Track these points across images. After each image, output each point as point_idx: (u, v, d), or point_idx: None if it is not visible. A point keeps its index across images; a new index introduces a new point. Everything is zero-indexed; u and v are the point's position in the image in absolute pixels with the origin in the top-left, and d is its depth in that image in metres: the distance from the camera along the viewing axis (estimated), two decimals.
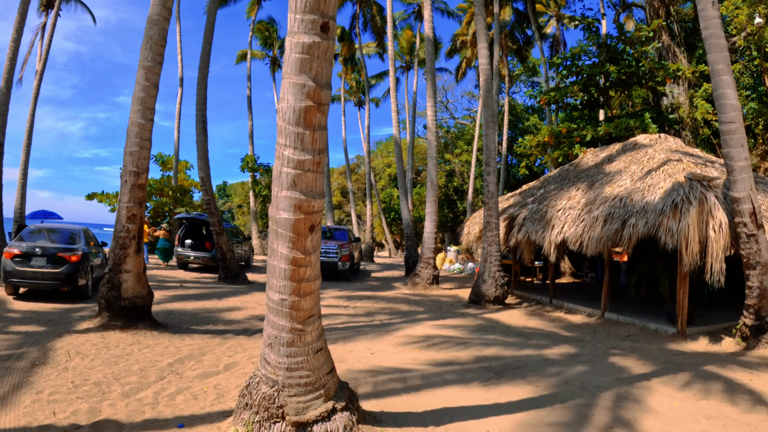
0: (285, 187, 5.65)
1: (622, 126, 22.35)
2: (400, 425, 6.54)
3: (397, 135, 30.27)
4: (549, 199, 17.23)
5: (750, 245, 10.95)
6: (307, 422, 5.75)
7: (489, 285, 17.02)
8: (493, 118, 18.01)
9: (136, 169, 11.40)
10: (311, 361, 5.96)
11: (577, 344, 11.83)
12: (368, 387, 8.20)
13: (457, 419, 6.83)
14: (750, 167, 11.13)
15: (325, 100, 5.66)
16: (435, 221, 21.86)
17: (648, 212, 12.67)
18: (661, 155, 15.70)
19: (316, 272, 6.02)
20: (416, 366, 9.56)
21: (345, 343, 11.29)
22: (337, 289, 20.55)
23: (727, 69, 11.18)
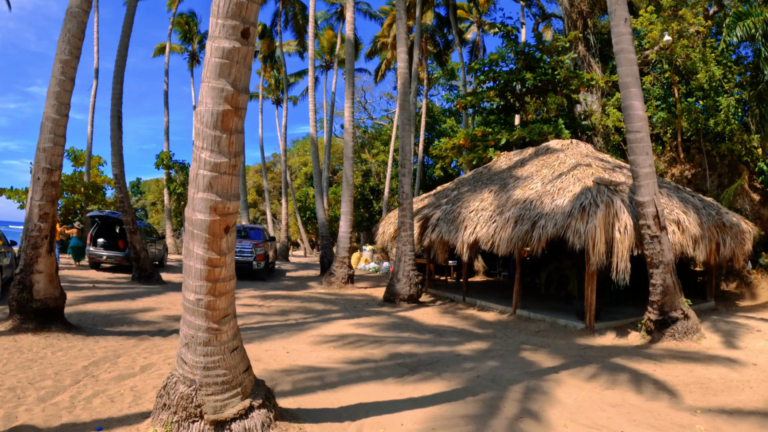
0: (201, 189, 5.68)
1: (536, 131, 23.00)
2: (317, 421, 6.66)
3: (313, 134, 30.27)
4: (462, 200, 17.60)
5: (653, 246, 11.61)
6: (226, 420, 5.81)
7: (403, 284, 17.30)
8: (409, 120, 18.29)
9: (49, 166, 11.02)
10: (228, 360, 6.01)
11: (489, 340, 12.19)
12: (286, 385, 8.27)
13: (373, 414, 6.98)
14: (654, 173, 11.75)
15: (243, 105, 5.74)
16: (350, 221, 22.01)
17: (557, 214, 13.18)
18: (571, 160, 16.32)
19: (231, 272, 6.07)
20: (332, 364, 9.67)
21: (261, 343, 11.32)
22: (252, 289, 20.45)
23: (635, 82, 11.80)
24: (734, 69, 22.91)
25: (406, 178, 17.91)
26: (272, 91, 53.33)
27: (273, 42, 44.87)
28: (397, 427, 6.53)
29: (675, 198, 14.88)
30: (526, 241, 13.77)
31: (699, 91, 22.52)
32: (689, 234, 13.86)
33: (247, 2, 5.50)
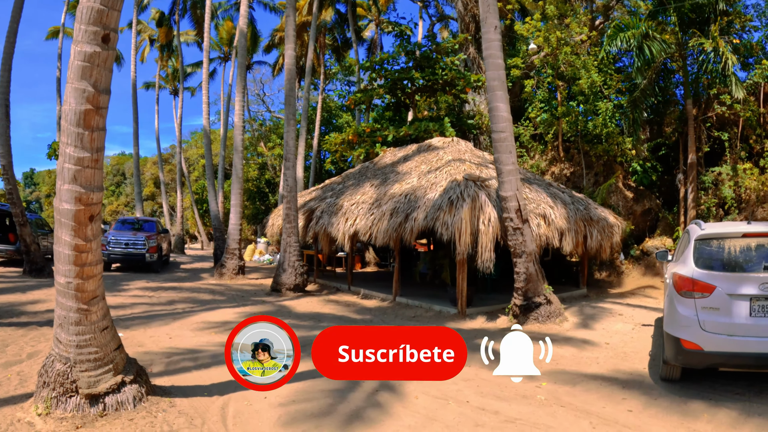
0: (67, 181, 6.18)
1: (422, 128, 23.81)
2: (188, 396, 7.29)
3: (206, 126, 30.32)
4: (345, 193, 18.30)
5: (516, 237, 12.45)
6: (99, 394, 6.37)
7: (289, 274, 17.86)
8: (293, 115, 18.76)
9: None
10: (98, 339, 6.55)
11: (363, 325, 12.82)
12: (162, 366, 8.85)
13: (241, 389, 7.50)
14: (517, 171, 12.65)
15: (104, 105, 6.23)
16: (240, 213, 22.37)
17: (428, 207, 14.01)
18: (448, 156, 17.17)
19: (98, 258, 6.60)
20: (209, 347, 10.26)
21: (145, 329, 11.75)
22: (144, 281, 20.50)
23: (501, 85, 12.58)
24: (615, 77, 24.44)
25: (290, 172, 18.43)
26: (170, 81, 52.53)
27: (171, 31, 44.18)
28: (260, 400, 7.19)
29: (544, 193, 15.84)
30: (400, 232, 14.54)
31: (581, 96, 23.90)
32: (555, 226, 14.77)
33: (108, 10, 5.98)
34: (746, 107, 21.29)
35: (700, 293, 7.44)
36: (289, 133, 18.75)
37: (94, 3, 5.93)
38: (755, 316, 7.13)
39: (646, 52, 20.32)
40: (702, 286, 7.46)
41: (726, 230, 8.19)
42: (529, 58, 25.74)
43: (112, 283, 19.12)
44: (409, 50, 26.92)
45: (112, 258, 23.36)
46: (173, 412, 6.71)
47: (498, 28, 12.89)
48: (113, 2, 6.04)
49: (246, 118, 47.75)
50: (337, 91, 34.72)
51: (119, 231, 24.78)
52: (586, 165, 24.69)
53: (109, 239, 23.49)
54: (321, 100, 40.52)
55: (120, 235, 23.78)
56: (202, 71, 48.35)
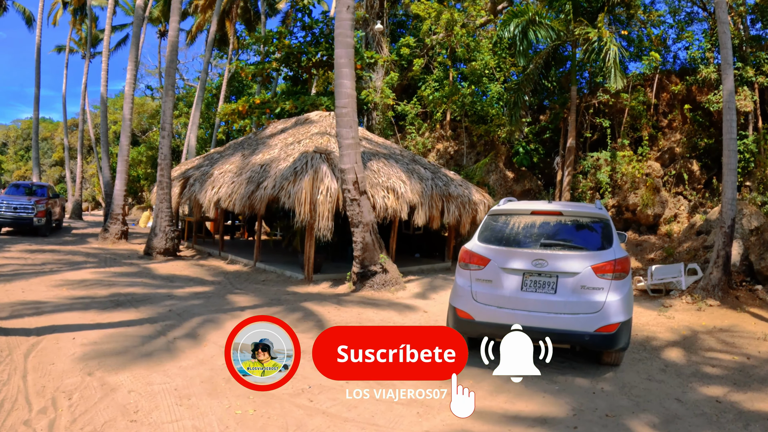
0: None
1: (308, 102, 24.81)
2: (9, 335, 8.52)
3: (103, 93, 30.71)
4: (218, 162, 19.32)
5: (353, 208, 13.40)
6: None
7: (160, 238, 18.84)
8: (172, 87, 19.52)
9: None
10: None
11: (211, 286, 13.93)
12: (4, 313, 9.95)
13: (58, 332, 8.85)
14: (357, 145, 13.55)
15: None
16: (125, 179, 23.04)
17: (277, 177, 15.14)
18: (315, 130, 18.26)
19: None
20: (54, 299, 11.37)
21: (3, 285, 12.67)
22: (27, 243, 21.18)
23: (348, 63, 13.44)
24: (509, 60, 25.94)
25: (165, 141, 19.31)
26: (82, 45, 51.99)
27: None
28: (69, 341, 8.40)
29: (398, 168, 16.81)
30: (253, 200, 15.58)
31: (474, 77, 25.27)
32: (405, 200, 15.78)
33: None
34: (633, 96, 22.93)
35: (476, 266, 7.79)
36: (166, 103, 19.64)
37: None
38: (526, 290, 7.43)
39: (530, 36, 21.61)
40: (478, 258, 7.82)
41: (516, 207, 8.53)
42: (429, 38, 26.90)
43: None
44: (305, 25, 27.83)
45: (0, 222, 23.83)
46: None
47: (351, 8, 13.73)
48: None
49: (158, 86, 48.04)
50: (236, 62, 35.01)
51: (10, 195, 25.20)
52: (469, 144, 26.15)
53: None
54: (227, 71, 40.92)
55: (10, 200, 24.20)
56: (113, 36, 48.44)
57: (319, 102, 24.77)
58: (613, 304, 7.24)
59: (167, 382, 6.85)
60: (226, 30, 39.63)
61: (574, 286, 7.35)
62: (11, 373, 6.96)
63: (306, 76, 29.25)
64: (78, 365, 7.32)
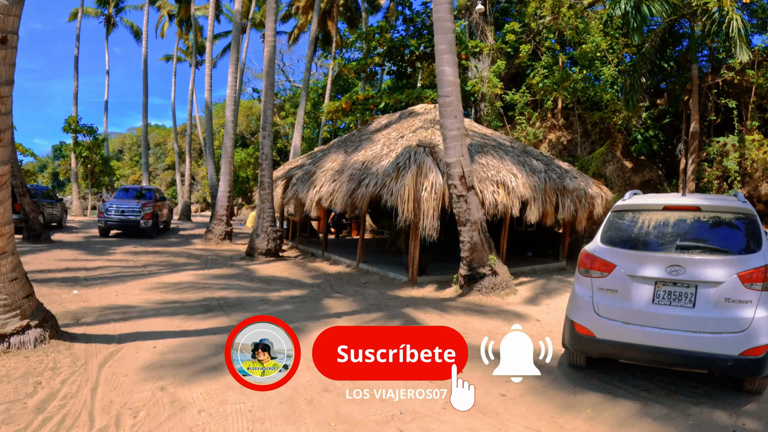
0: None
1: (414, 95, 23.93)
2: (90, 342, 8.16)
3: (207, 99, 30.96)
4: (321, 161, 18.74)
5: (460, 205, 12.26)
6: (5, 334, 7.42)
7: (262, 239, 18.51)
8: (272, 87, 19.24)
9: None
10: (8, 288, 7.51)
11: (309, 289, 13.23)
12: (91, 318, 9.71)
13: (139, 339, 8.40)
14: (462, 136, 12.26)
15: (6, 94, 7.15)
16: (229, 180, 23.01)
17: (379, 174, 14.30)
18: (419, 123, 17.34)
19: (6, 219, 7.54)
20: (143, 304, 11.03)
21: (100, 288, 12.57)
22: (133, 245, 21.40)
23: (449, 49, 12.35)
24: (621, 40, 23.89)
25: (266, 140, 18.99)
26: (189, 54, 53.41)
27: (189, 6, 44.94)
28: (149, 349, 7.91)
29: (509, 160, 15.61)
30: (354, 199, 14.81)
31: (585, 61, 23.72)
32: (516, 195, 14.50)
33: (4, 17, 6.87)
34: (760, 73, 20.70)
35: (599, 272, 6.71)
36: (266, 103, 19.32)
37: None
38: (658, 303, 6.30)
39: (644, 11, 19.66)
40: (601, 263, 6.72)
41: (645, 201, 7.30)
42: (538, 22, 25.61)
43: (101, 248, 20.14)
44: (405, 18, 27.08)
45: (109, 225, 24.41)
46: (66, 353, 7.57)
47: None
48: (9, 9, 6.91)
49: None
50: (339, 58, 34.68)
51: (118, 199, 25.88)
52: (582, 133, 24.60)
53: (107, 207, 24.51)
54: (331, 70, 40.73)
55: (118, 203, 24.73)
56: (218, 43, 49.67)
57: (424, 95, 23.86)
58: (763, 321, 5.94)
59: (242, 401, 6.11)
60: (328, 29, 39.52)
61: (717, 298, 6.09)
62: (81, 384, 6.52)
63: (410, 70, 28.45)
64: (152, 378, 6.79)
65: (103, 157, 43.75)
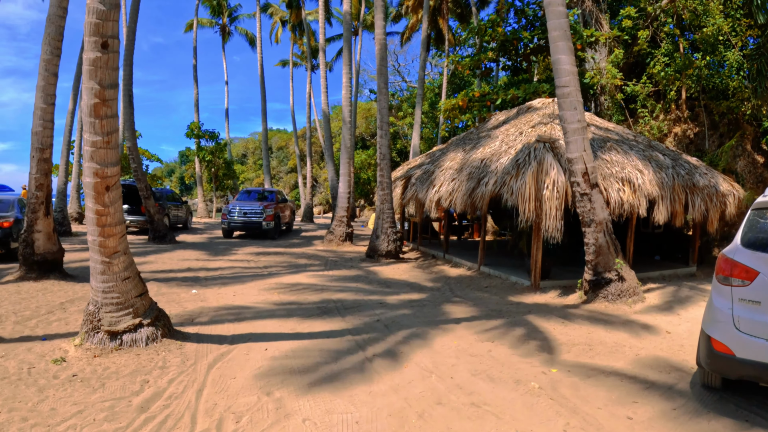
0: (86, 160, 7.48)
1: (530, 90, 23.09)
2: (201, 342, 8.25)
3: (323, 101, 31.29)
4: (440, 160, 18.35)
5: (584, 203, 11.44)
6: (118, 332, 7.68)
7: (382, 240, 18.39)
8: (385, 85, 19.07)
9: (41, 146, 13.14)
10: (120, 286, 7.74)
11: (428, 293, 12.82)
12: (206, 318, 9.89)
13: (252, 341, 8.35)
14: (584, 129, 11.45)
15: (110, 97, 7.43)
16: (349, 182, 23.07)
17: (498, 172, 13.65)
18: (537, 119, 16.64)
19: (117, 220, 7.72)
20: (259, 305, 11.09)
21: (219, 288, 12.83)
22: (255, 246, 21.88)
23: (563, 35, 11.55)
24: (743, 21, 21.92)
25: (384, 140, 18.87)
26: (304, 58, 54.46)
27: (300, 11, 45.98)
28: (260, 352, 7.82)
29: (634, 156, 14.64)
30: (474, 198, 14.26)
31: (707, 46, 22.02)
32: (643, 193, 13.53)
33: (103, 22, 7.21)
34: None
35: (739, 280, 5.72)
36: (381, 102, 19.21)
37: (92, 18, 7.16)
38: None
39: None
40: (741, 270, 5.73)
41: None
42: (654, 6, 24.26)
43: (224, 249, 20.69)
44: (517, 10, 26.37)
45: (232, 226, 25.12)
46: (176, 352, 7.67)
47: None
48: (107, 14, 7.24)
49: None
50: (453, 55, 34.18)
51: (241, 201, 26.55)
52: (710, 125, 23.05)
53: (229, 209, 25.20)
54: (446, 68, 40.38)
55: (241, 205, 25.37)
56: (330, 46, 50.56)
57: (541, 89, 22.98)
58: None
59: (350, 412, 5.82)
60: (439, 27, 39.08)
61: None
62: (188, 385, 6.51)
63: (525, 65, 27.60)
64: (259, 382, 6.65)
65: (225, 160, 45.59)
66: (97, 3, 7.16)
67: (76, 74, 28.59)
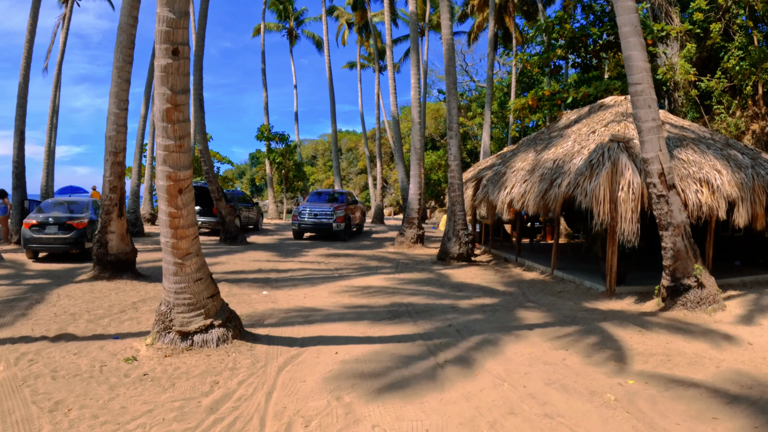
0: (159, 163, 7.68)
1: (602, 87, 22.52)
2: (272, 344, 8.33)
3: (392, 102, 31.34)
4: (511, 161, 18.00)
5: (661, 206, 11.02)
6: (189, 332, 7.87)
7: (453, 243, 18.21)
8: (454, 85, 18.94)
9: (114, 150, 13.68)
10: (192, 288, 7.94)
11: (501, 297, 12.64)
12: (276, 319, 10.05)
13: (322, 344, 8.37)
14: (659, 128, 11.15)
15: (182, 102, 7.64)
16: (419, 183, 22.92)
17: (571, 173, 13.32)
18: (610, 117, 16.17)
19: (189, 222, 7.92)
20: (329, 307, 11.13)
21: (290, 290, 13.01)
22: (325, 248, 22.05)
23: (634, 31, 11.15)
24: None
25: (454, 141, 18.73)
26: (371, 60, 54.78)
27: (365, 12, 46.48)
28: (330, 356, 7.82)
29: (711, 155, 14.00)
30: (546, 200, 13.92)
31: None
32: (722, 194, 12.80)
33: (173, 30, 7.45)
34: None
35: None
36: (450, 102, 19.07)
37: (163, 26, 7.39)
38: None
39: None
40: None
41: None
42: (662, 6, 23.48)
43: (294, 250, 20.96)
44: (584, 5, 25.81)
45: (302, 227, 25.42)
46: (247, 354, 7.76)
47: None
48: (177, 22, 7.46)
49: None
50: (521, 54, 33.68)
51: (311, 203, 26.89)
52: None
53: (300, 210, 25.46)
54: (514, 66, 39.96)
55: (311, 206, 25.65)
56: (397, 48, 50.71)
57: (612, 86, 22.37)
58: None
59: (420, 419, 5.71)
60: (506, 25, 38.89)
61: None
62: (258, 387, 6.56)
63: (595, 61, 26.97)
64: (329, 386, 6.63)
65: (295, 162, 46.29)
66: (167, 12, 7.34)
67: (148, 80, 29.66)
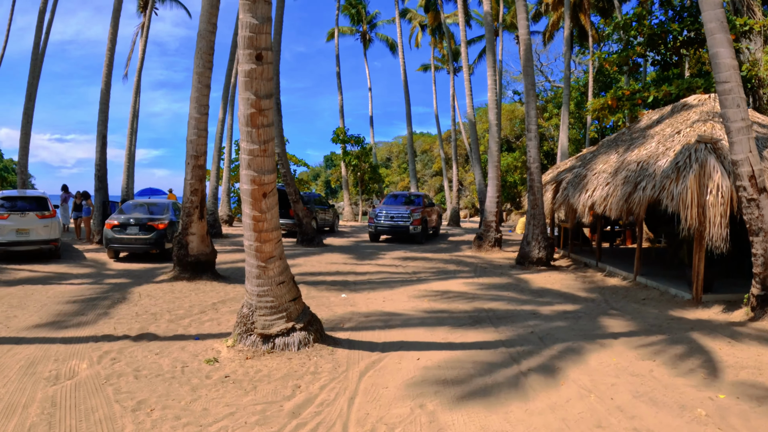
0: (244, 168, 7.84)
1: (683, 86, 21.77)
2: (352, 348, 8.35)
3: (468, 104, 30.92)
4: (592, 163, 17.67)
5: (751, 210, 10.55)
6: (270, 335, 7.97)
7: (532, 247, 17.95)
8: (532, 86, 18.61)
9: (195, 153, 14.07)
10: (274, 290, 8.07)
11: (583, 304, 12.41)
12: (355, 323, 10.09)
13: (403, 349, 8.32)
14: (749, 128, 10.60)
15: (266, 107, 7.77)
16: (497, 186, 22.66)
17: (656, 176, 12.87)
18: (695, 117, 15.56)
19: (273, 226, 8.05)
20: (409, 312, 11.08)
21: (368, 293, 13.05)
22: (402, 251, 22.06)
23: (720, 27, 10.72)
24: None
25: (532, 143, 18.48)
26: (445, 62, 54.69)
27: (438, 14, 46.37)
28: (412, 361, 7.77)
29: None
30: (630, 203, 13.54)
31: None
32: None
33: (256, 35, 7.64)
34: None
35: None
36: (529, 104, 18.82)
37: (246, 32, 7.57)
38: None
39: None
40: None
41: None
42: None
43: (371, 253, 21.05)
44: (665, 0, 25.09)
45: (378, 230, 25.55)
46: (328, 358, 7.78)
47: None
48: (260, 28, 7.64)
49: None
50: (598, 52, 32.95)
51: (388, 205, 26.96)
52: None
53: (376, 213, 25.57)
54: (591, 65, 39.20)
55: (388, 209, 25.71)
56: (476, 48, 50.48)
57: (695, 84, 21.52)
58: None
59: (505, 430, 5.58)
60: (582, 23, 38.09)
61: None
62: (340, 392, 6.54)
63: (675, 59, 26.14)
64: (412, 392, 6.56)
65: (371, 164, 46.62)
66: (250, 18, 7.48)
67: (225, 84, 30.22)
